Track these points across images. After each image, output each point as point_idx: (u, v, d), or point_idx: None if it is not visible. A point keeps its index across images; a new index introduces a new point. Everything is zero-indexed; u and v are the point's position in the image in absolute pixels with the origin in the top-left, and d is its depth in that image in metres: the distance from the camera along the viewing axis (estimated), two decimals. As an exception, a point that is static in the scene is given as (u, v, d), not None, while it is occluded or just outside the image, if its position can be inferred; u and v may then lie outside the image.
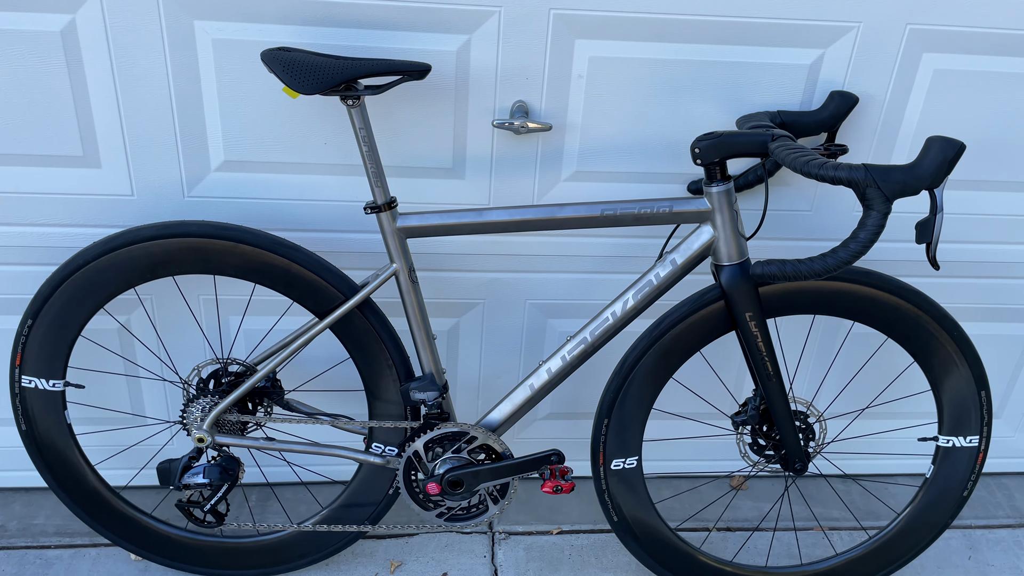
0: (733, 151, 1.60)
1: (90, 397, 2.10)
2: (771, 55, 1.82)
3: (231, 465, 1.83)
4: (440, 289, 2.06)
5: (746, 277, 1.70)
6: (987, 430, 1.93)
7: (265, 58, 1.58)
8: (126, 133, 1.79)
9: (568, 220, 1.70)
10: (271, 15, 1.70)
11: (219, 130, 1.81)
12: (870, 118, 1.91)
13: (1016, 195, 2.06)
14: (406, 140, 1.86)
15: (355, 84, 1.58)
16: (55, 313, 1.76)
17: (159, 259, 1.73)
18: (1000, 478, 2.55)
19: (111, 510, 1.96)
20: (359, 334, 1.81)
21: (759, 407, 1.87)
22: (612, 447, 1.89)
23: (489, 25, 1.74)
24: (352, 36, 1.72)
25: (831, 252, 1.49)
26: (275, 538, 2.01)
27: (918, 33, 1.82)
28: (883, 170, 1.39)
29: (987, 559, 2.27)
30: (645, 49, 1.80)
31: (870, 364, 2.25)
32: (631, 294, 1.76)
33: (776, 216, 2.02)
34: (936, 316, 1.83)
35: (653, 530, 1.98)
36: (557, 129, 1.87)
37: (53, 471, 1.90)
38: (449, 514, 1.90)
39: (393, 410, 1.89)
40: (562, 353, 1.81)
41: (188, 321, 2.04)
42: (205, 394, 1.83)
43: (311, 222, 1.93)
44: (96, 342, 2.03)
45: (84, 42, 1.69)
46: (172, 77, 1.74)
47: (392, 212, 1.69)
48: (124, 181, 1.84)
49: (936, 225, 1.41)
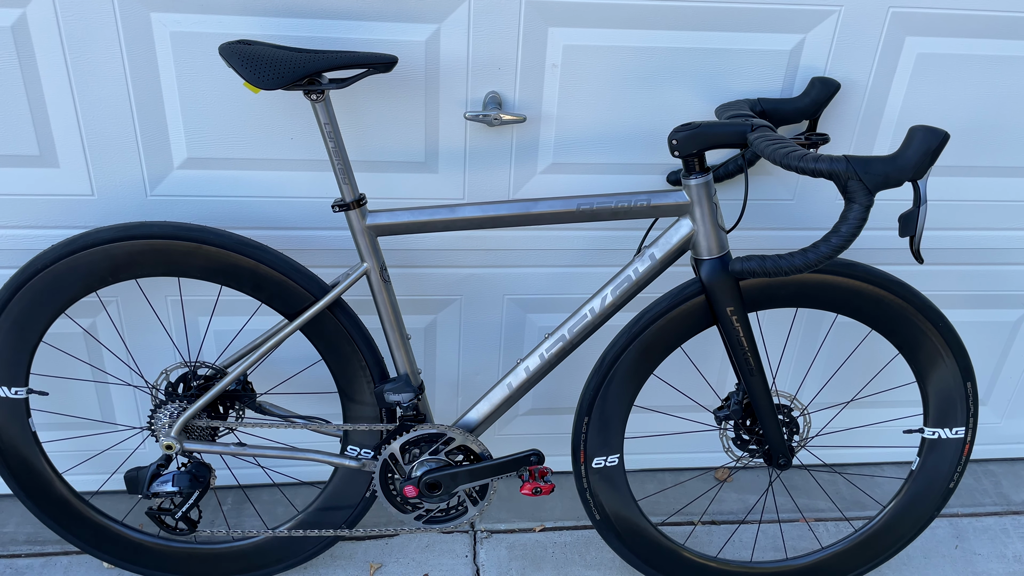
0: (711, 142, 1.56)
1: (57, 403, 2.05)
2: (750, 41, 1.77)
3: (201, 472, 1.78)
4: (415, 286, 2.01)
5: (726, 271, 1.66)
6: (973, 421, 1.91)
7: (223, 52, 1.52)
8: (84, 131, 1.73)
9: (543, 215, 1.65)
10: (231, 6, 1.63)
11: (181, 126, 1.74)
12: (852, 104, 1.87)
13: (1001, 180, 2.02)
14: (376, 134, 1.80)
15: (318, 78, 1.52)
16: (14, 318, 1.70)
17: (121, 262, 1.67)
18: (987, 465, 2.54)
19: (81, 518, 1.91)
20: (330, 335, 1.76)
21: (741, 401, 1.83)
22: (593, 445, 1.85)
23: (459, 14, 1.69)
24: (316, 27, 1.66)
25: (812, 247, 1.45)
26: (250, 543, 1.97)
27: (900, 16, 1.78)
28: (865, 162, 1.35)
29: (974, 548, 2.25)
30: (621, 37, 1.74)
31: (854, 356, 2.22)
32: (609, 290, 1.71)
33: (757, 205, 1.98)
34: (921, 307, 1.79)
35: (636, 527, 1.95)
36: (532, 120, 1.82)
37: (19, 479, 1.85)
38: (428, 516, 1.86)
39: (368, 412, 1.84)
40: (540, 351, 1.76)
41: (154, 323, 1.98)
42: (174, 399, 1.78)
43: (279, 220, 1.87)
44: (60, 348, 1.97)
45: (36, 37, 1.63)
46: (130, 72, 1.68)
47: (361, 210, 1.64)
48: (83, 180, 1.78)
49: (920, 217, 1.37)
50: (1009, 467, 2.54)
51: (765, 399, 1.78)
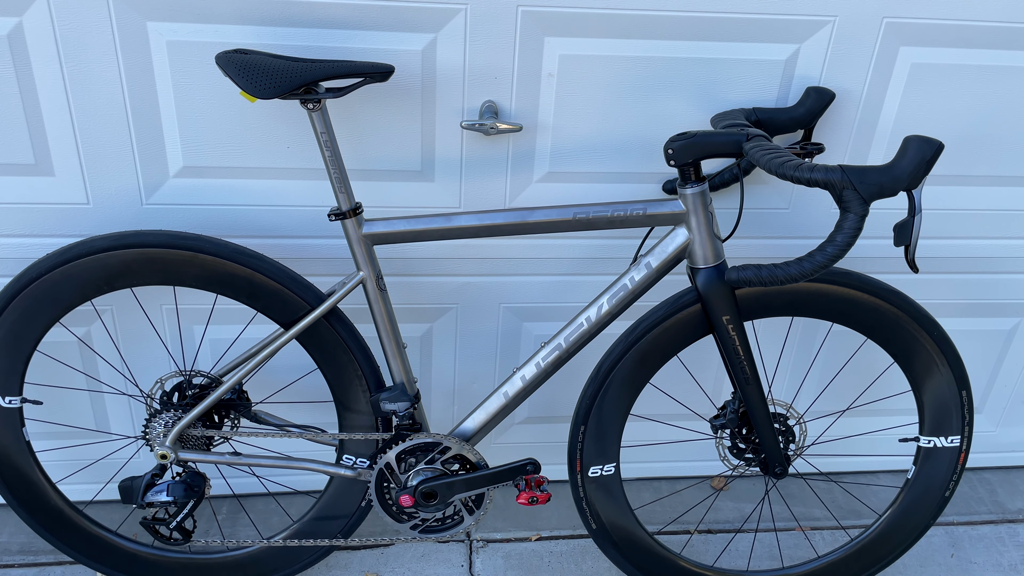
0: (707, 152, 1.56)
1: (52, 412, 2.04)
2: (746, 51, 1.78)
3: (196, 481, 1.78)
4: (411, 294, 2.01)
5: (722, 280, 1.66)
6: (968, 430, 1.91)
7: (220, 61, 1.52)
8: (79, 139, 1.72)
9: (539, 224, 1.65)
10: (227, 15, 1.63)
11: (177, 135, 1.74)
12: (847, 114, 1.87)
13: (995, 189, 2.03)
14: (372, 143, 1.80)
15: (315, 87, 1.52)
16: (9, 327, 1.70)
17: (116, 271, 1.67)
18: (982, 473, 2.54)
19: (74, 528, 1.90)
20: (326, 344, 1.76)
21: (738, 410, 1.83)
22: (589, 454, 1.85)
23: (455, 23, 1.69)
24: (313, 36, 1.67)
25: (808, 256, 1.45)
26: (245, 553, 1.95)
27: (895, 27, 1.78)
28: (860, 171, 1.35)
29: (969, 556, 2.25)
30: (617, 46, 1.75)
31: (850, 365, 2.22)
32: (605, 299, 1.71)
33: (753, 214, 1.98)
34: (916, 316, 1.80)
35: (633, 537, 1.94)
36: (528, 129, 1.82)
37: (12, 489, 1.84)
38: (424, 526, 1.86)
39: (364, 421, 1.84)
40: (536, 360, 1.76)
41: (150, 332, 1.98)
42: (169, 408, 1.77)
43: (275, 228, 1.87)
44: (54, 357, 1.96)
45: (32, 46, 1.62)
46: (126, 81, 1.67)
47: (358, 218, 1.64)
48: (79, 189, 1.78)
49: (915, 227, 1.37)
50: (1004, 475, 2.54)
51: (761, 408, 1.78)
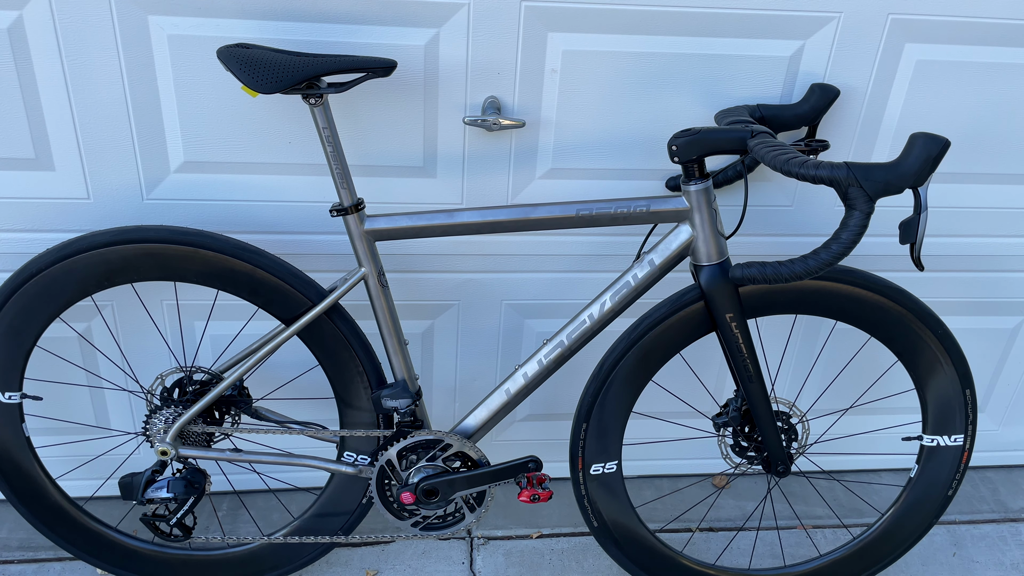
0: (711, 148, 1.55)
1: (52, 408, 2.03)
2: (750, 47, 1.77)
3: (197, 478, 1.77)
4: (413, 291, 2.00)
5: (726, 278, 1.65)
6: (972, 429, 1.90)
7: (222, 56, 1.51)
8: (80, 134, 1.71)
9: (542, 221, 1.64)
10: (229, 9, 1.62)
11: (178, 130, 1.73)
12: (852, 111, 1.86)
13: (1000, 187, 2.02)
14: (374, 138, 1.79)
15: (317, 82, 1.51)
16: (8, 323, 1.69)
17: (116, 266, 1.66)
18: (985, 472, 2.53)
19: (74, 524, 1.89)
20: (328, 341, 1.75)
21: (740, 408, 1.82)
22: (591, 452, 1.84)
23: (458, 18, 1.68)
24: (315, 31, 1.66)
25: (812, 254, 1.44)
26: (245, 550, 1.95)
27: (900, 23, 1.77)
28: (865, 169, 1.34)
29: (972, 555, 2.25)
30: (620, 42, 1.74)
31: (853, 363, 2.21)
32: (608, 296, 1.70)
33: (757, 212, 1.97)
34: (920, 314, 1.79)
35: (634, 535, 1.93)
36: (531, 125, 1.81)
37: (12, 485, 1.83)
38: (425, 523, 1.85)
39: (365, 418, 1.83)
40: (538, 357, 1.75)
41: (150, 328, 1.97)
42: (169, 404, 1.76)
43: (277, 224, 1.86)
44: (55, 352, 1.96)
45: (32, 40, 1.61)
46: (127, 75, 1.67)
47: (360, 214, 1.63)
48: (79, 184, 1.77)
49: (920, 225, 1.36)
50: (1007, 474, 2.53)
51: (764, 406, 1.77)
